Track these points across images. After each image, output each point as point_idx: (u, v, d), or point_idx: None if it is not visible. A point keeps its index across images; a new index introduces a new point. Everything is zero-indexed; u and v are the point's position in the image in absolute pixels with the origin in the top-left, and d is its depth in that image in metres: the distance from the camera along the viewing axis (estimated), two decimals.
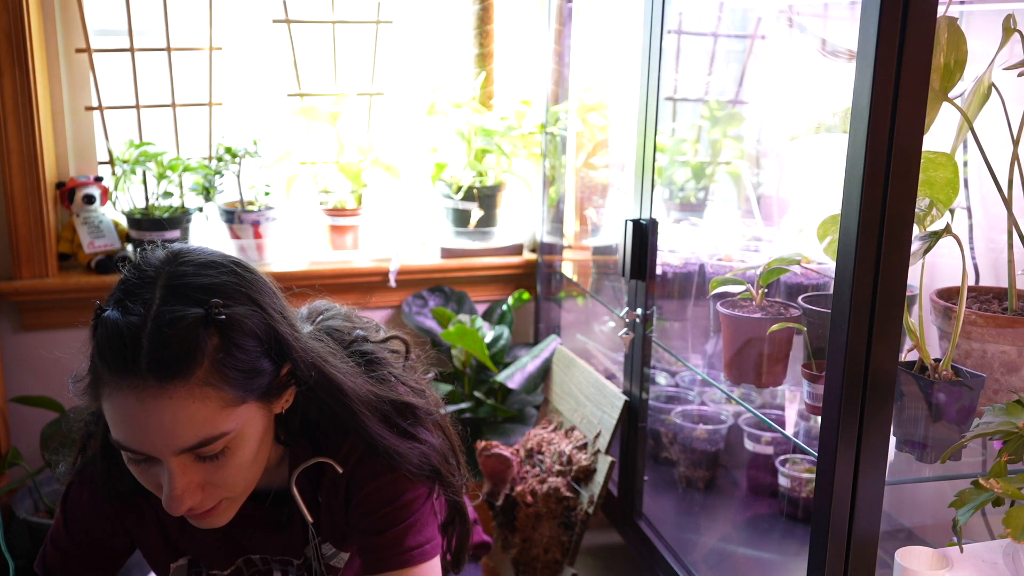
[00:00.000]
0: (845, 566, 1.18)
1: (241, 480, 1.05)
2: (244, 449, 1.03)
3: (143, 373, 0.95)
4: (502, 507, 2.00)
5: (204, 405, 0.97)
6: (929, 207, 1.25)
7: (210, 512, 1.06)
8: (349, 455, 1.16)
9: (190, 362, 0.96)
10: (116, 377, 0.96)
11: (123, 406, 0.97)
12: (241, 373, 1.00)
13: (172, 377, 0.95)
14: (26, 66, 2.14)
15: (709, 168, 2.35)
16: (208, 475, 1.02)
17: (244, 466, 1.04)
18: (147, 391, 0.95)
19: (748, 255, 1.94)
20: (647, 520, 1.89)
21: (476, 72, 2.52)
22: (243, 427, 1.02)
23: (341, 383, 1.11)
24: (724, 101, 2.38)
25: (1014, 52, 1.27)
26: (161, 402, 0.95)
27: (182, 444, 0.98)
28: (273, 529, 1.20)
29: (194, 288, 0.99)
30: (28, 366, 2.30)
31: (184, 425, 0.97)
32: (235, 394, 1.00)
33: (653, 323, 1.84)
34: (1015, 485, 1.09)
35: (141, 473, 1.03)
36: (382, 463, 1.15)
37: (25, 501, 2.14)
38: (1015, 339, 1.30)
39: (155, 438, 0.97)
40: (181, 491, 1.00)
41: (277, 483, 1.20)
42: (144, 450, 0.99)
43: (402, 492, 1.16)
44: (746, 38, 2.35)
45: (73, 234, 2.32)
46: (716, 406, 2.09)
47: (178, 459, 0.99)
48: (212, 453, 1.00)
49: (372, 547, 1.16)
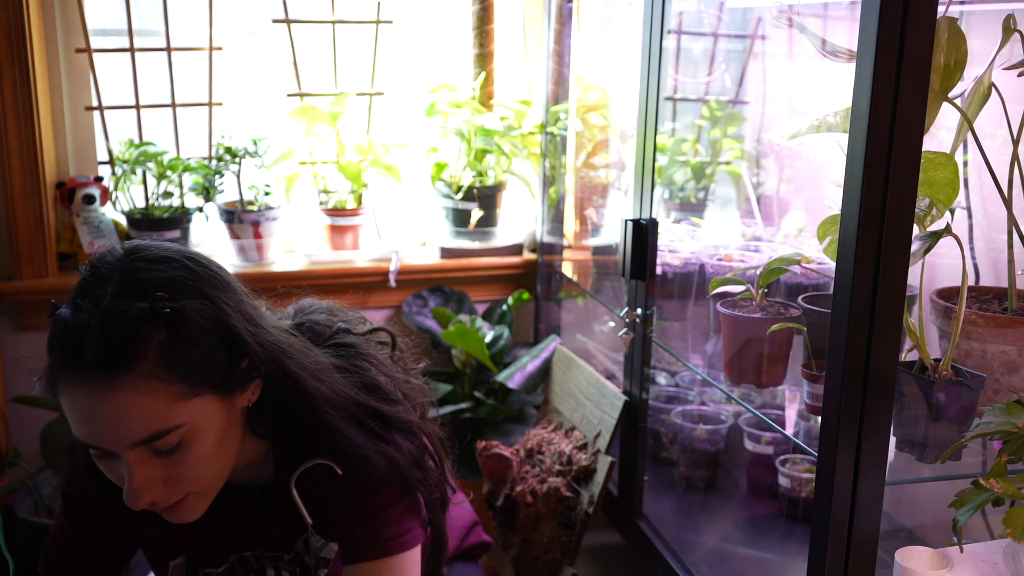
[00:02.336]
0: (845, 566, 1.18)
1: (205, 475, 1.05)
2: (202, 443, 1.02)
3: (90, 368, 0.95)
4: (502, 507, 2.00)
5: (152, 398, 0.97)
6: (929, 207, 1.25)
7: (178, 507, 1.05)
8: (335, 458, 1.16)
9: (135, 355, 0.96)
10: (67, 373, 0.97)
11: (75, 401, 0.97)
12: (190, 366, 0.99)
13: (118, 371, 0.95)
14: (26, 66, 2.14)
15: (709, 168, 2.35)
16: (168, 469, 1.02)
17: (205, 460, 1.04)
18: (95, 385, 0.96)
19: (748, 255, 1.94)
20: (647, 520, 1.89)
21: (476, 72, 2.52)
22: (198, 421, 1.01)
23: (301, 379, 1.10)
24: (724, 101, 2.38)
25: (1014, 52, 1.27)
26: (109, 396, 0.96)
27: (133, 437, 0.98)
28: (262, 524, 1.21)
29: (144, 283, 0.99)
30: (28, 366, 2.30)
31: (133, 419, 0.97)
32: (185, 387, 0.99)
33: (653, 323, 1.84)
34: (1015, 485, 1.09)
35: (107, 468, 1.03)
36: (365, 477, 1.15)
37: (25, 501, 2.14)
38: (1015, 339, 1.30)
39: (108, 432, 0.98)
40: (139, 485, 1.00)
41: (264, 478, 1.20)
42: (99, 444, 0.99)
43: (380, 484, 1.16)
44: (746, 38, 2.35)
45: (73, 234, 2.32)
46: (716, 406, 2.09)
47: (134, 453, 0.99)
48: (167, 447, 1.00)
49: (350, 538, 1.16)
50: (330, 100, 2.44)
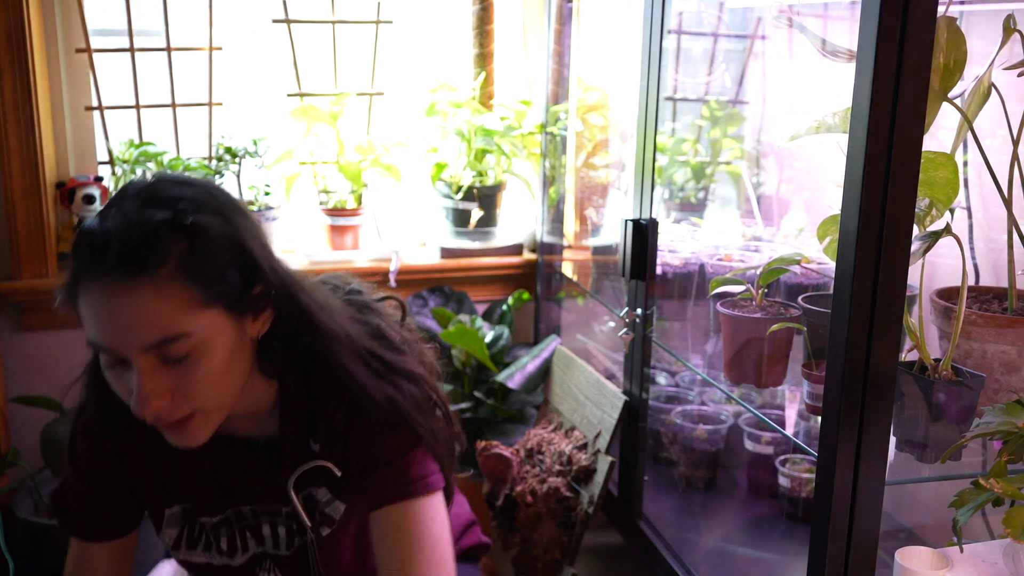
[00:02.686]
0: (845, 566, 1.18)
1: (212, 393, 1.06)
2: (211, 358, 1.04)
3: (111, 269, 0.99)
4: (502, 507, 2.00)
5: (168, 301, 1.00)
6: (929, 207, 1.25)
7: (183, 426, 1.07)
8: (337, 410, 1.17)
9: (154, 259, 0.99)
10: (89, 275, 1.00)
11: (95, 302, 1.00)
12: (206, 277, 1.02)
13: (138, 272, 0.99)
14: (26, 66, 2.14)
15: (709, 168, 2.35)
16: (176, 381, 1.03)
17: (212, 377, 1.05)
18: (115, 286, 0.99)
19: (748, 255, 1.94)
20: (647, 520, 1.89)
21: (476, 72, 2.52)
22: (209, 334, 1.03)
23: (311, 311, 1.12)
24: (724, 101, 2.38)
25: (1014, 52, 1.27)
26: (128, 296, 0.99)
27: (146, 340, 1.00)
28: (264, 473, 1.21)
29: (168, 198, 1.03)
30: (28, 366, 2.30)
31: (149, 319, 1.00)
32: (199, 297, 1.02)
33: (653, 323, 1.84)
34: (1015, 485, 1.09)
35: (116, 380, 1.05)
36: (377, 419, 1.16)
37: (25, 501, 2.14)
38: (1015, 339, 1.30)
39: (123, 333, 1.00)
40: (147, 392, 1.02)
41: (268, 433, 1.21)
42: (113, 347, 1.01)
43: (394, 430, 1.17)
44: (746, 38, 2.35)
45: (73, 234, 2.32)
46: (716, 406, 2.09)
47: (145, 358, 1.01)
48: (177, 355, 1.02)
49: (372, 485, 1.17)
50: (330, 100, 2.44)
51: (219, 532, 1.24)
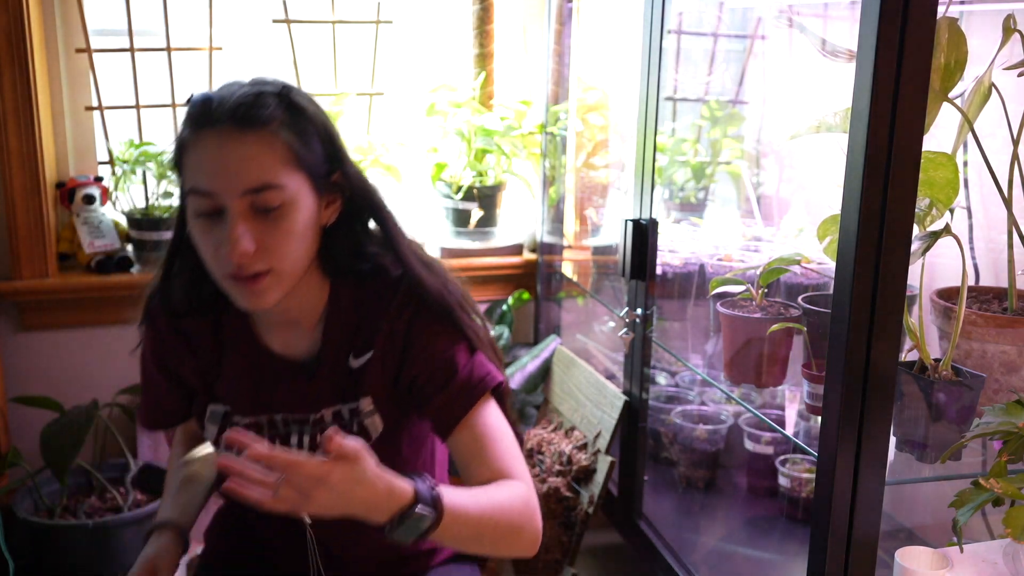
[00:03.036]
0: (845, 566, 1.18)
1: (288, 252, 1.17)
2: (294, 217, 1.16)
3: (225, 121, 1.13)
4: None
5: (270, 153, 1.14)
6: (929, 207, 1.25)
7: (257, 282, 1.16)
8: (403, 308, 1.26)
9: (263, 118, 1.14)
10: (203, 128, 1.15)
11: (205, 150, 1.15)
12: (300, 143, 1.17)
13: (249, 124, 1.13)
14: (26, 66, 2.14)
15: (709, 168, 2.35)
16: (263, 233, 1.15)
17: (292, 236, 1.17)
18: (226, 133, 1.13)
19: (748, 255, 1.94)
20: (647, 520, 1.89)
21: (476, 72, 2.52)
22: (296, 194, 1.16)
23: (382, 203, 1.28)
24: (724, 101, 2.38)
25: (1014, 52, 1.27)
26: (238, 144, 1.13)
27: (248, 183, 1.13)
28: (299, 385, 1.29)
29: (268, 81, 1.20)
30: (28, 366, 2.30)
31: (252, 165, 1.13)
32: (294, 157, 1.16)
33: (653, 323, 1.84)
34: (1015, 485, 1.09)
35: (205, 234, 1.16)
36: (435, 315, 1.26)
37: (25, 501, 2.14)
38: (1015, 339, 1.30)
39: (228, 176, 1.13)
40: (239, 234, 1.13)
41: (308, 348, 1.30)
42: (217, 189, 1.13)
43: (460, 340, 1.27)
44: (746, 38, 2.35)
45: (73, 234, 2.32)
46: (716, 406, 2.09)
47: (241, 203, 1.13)
48: (269, 205, 1.14)
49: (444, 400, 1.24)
50: (330, 100, 2.44)
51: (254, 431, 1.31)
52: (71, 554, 2.08)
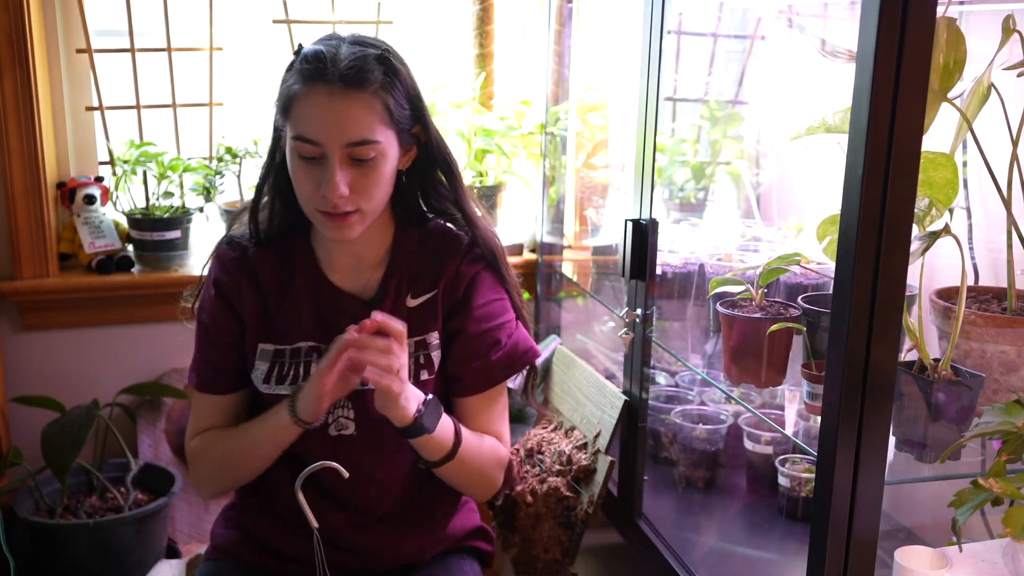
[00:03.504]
0: (845, 566, 1.19)
1: (374, 195, 1.35)
2: (383, 167, 1.34)
3: (335, 79, 1.28)
4: (502, 507, 2.00)
5: (371, 112, 1.30)
6: (928, 207, 1.26)
7: (347, 218, 1.34)
8: (467, 255, 1.46)
9: (368, 80, 1.30)
10: (313, 83, 1.29)
11: (315, 103, 1.29)
12: (394, 103, 1.33)
13: (356, 85, 1.29)
14: (27, 66, 2.14)
15: (709, 168, 2.35)
16: (356, 180, 1.31)
17: (380, 182, 1.34)
18: (336, 92, 1.28)
19: (748, 255, 1.94)
20: (647, 520, 1.89)
21: (476, 72, 2.53)
22: (386, 147, 1.33)
23: (450, 156, 1.46)
24: (724, 101, 2.38)
25: (1014, 52, 1.27)
26: (344, 101, 1.29)
27: (351, 137, 1.29)
28: (361, 313, 1.37)
29: (368, 41, 1.35)
30: (28, 366, 2.30)
31: (356, 122, 1.29)
32: (388, 117, 1.32)
33: (653, 323, 1.84)
34: (1014, 485, 1.10)
35: (307, 173, 1.32)
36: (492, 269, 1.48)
37: (26, 501, 2.14)
38: (1014, 339, 1.30)
39: (334, 129, 1.29)
40: (339, 180, 1.30)
41: (370, 285, 1.45)
42: (323, 139, 1.29)
43: (508, 310, 1.49)
44: (746, 38, 2.36)
45: (74, 234, 2.32)
46: (716, 406, 2.09)
47: (343, 153, 1.30)
48: (365, 156, 1.31)
49: (486, 360, 1.46)
50: None
51: (311, 359, 1.43)
52: (72, 554, 2.08)
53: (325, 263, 1.46)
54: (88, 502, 2.16)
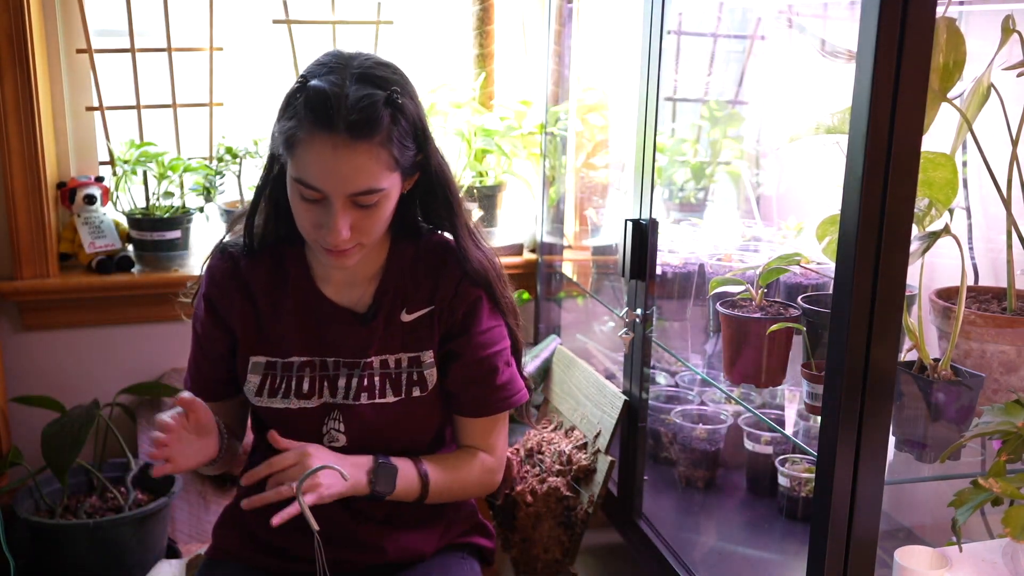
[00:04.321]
0: (845, 566, 1.19)
1: (376, 231, 1.34)
2: (386, 206, 1.33)
3: (341, 130, 1.23)
4: (502, 507, 2.00)
5: (377, 162, 1.27)
6: (928, 207, 1.26)
7: (348, 252, 1.33)
8: (456, 272, 1.44)
9: (375, 128, 1.25)
10: (317, 129, 1.24)
11: (319, 153, 1.25)
12: (399, 146, 1.29)
13: (362, 137, 1.24)
14: (27, 66, 2.14)
15: (709, 168, 2.35)
16: (358, 220, 1.30)
17: (383, 219, 1.33)
18: (341, 144, 1.24)
19: (748, 255, 1.94)
20: (647, 520, 1.89)
21: (476, 72, 2.53)
22: (391, 190, 1.31)
23: (451, 180, 1.43)
24: (724, 101, 2.38)
25: (1013, 52, 1.27)
26: (350, 153, 1.25)
27: (355, 188, 1.27)
28: (355, 327, 1.43)
29: (379, 78, 1.28)
30: (29, 366, 2.30)
31: (361, 174, 1.26)
32: (393, 162, 1.29)
33: (653, 323, 1.84)
34: (1014, 485, 1.10)
35: (307, 211, 1.30)
36: (482, 287, 1.46)
37: (26, 501, 2.14)
38: (1014, 339, 1.30)
39: (338, 180, 1.26)
40: (342, 226, 1.28)
41: (364, 300, 1.44)
42: (326, 189, 1.26)
43: (501, 338, 1.49)
44: (746, 38, 2.36)
45: (74, 234, 2.32)
46: (716, 406, 2.09)
47: (345, 201, 1.28)
48: (369, 203, 1.29)
49: (479, 393, 1.47)
50: None
51: (303, 374, 1.42)
52: (72, 554, 2.08)
53: (319, 274, 1.45)
54: (88, 502, 2.16)
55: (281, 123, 1.31)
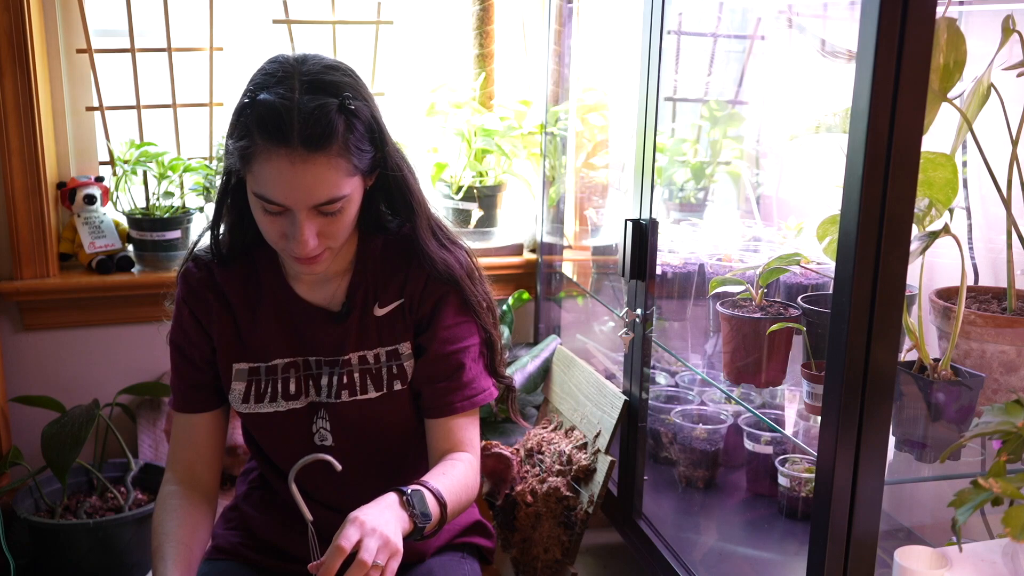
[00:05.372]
0: (844, 566, 1.19)
1: (343, 234, 1.33)
2: (349, 211, 1.31)
3: (296, 144, 1.21)
4: (502, 507, 2.00)
5: (336, 172, 1.25)
6: (928, 207, 1.26)
7: (317, 259, 1.32)
8: (421, 268, 1.42)
9: (331, 139, 1.23)
10: (272, 145, 1.22)
11: (276, 168, 1.23)
12: (357, 151, 1.27)
13: (317, 149, 1.22)
14: (27, 66, 2.14)
15: (709, 168, 2.35)
16: (324, 227, 1.29)
17: (348, 224, 1.32)
18: (298, 157, 1.22)
19: (748, 255, 1.94)
20: (647, 520, 1.89)
21: (476, 72, 2.53)
22: (353, 195, 1.30)
23: (409, 177, 1.40)
24: (724, 101, 2.38)
25: (1013, 52, 1.27)
26: (307, 166, 1.23)
27: (317, 200, 1.25)
28: (330, 325, 1.42)
29: (330, 83, 1.26)
30: (29, 366, 2.30)
31: (322, 186, 1.24)
32: (352, 167, 1.27)
33: (653, 323, 1.84)
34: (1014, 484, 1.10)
35: (271, 223, 1.29)
36: (446, 282, 1.42)
37: (26, 501, 2.14)
38: (1014, 339, 1.30)
39: (299, 194, 1.24)
40: (308, 236, 1.27)
41: (336, 298, 1.43)
42: (288, 203, 1.25)
43: (470, 334, 1.45)
44: (746, 38, 2.36)
45: (74, 234, 2.32)
46: (716, 406, 2.09)
47: (308, 212, 1.26)
48: (333, 211, 1.28)
49: (444, 393, 1.43)
50: None
51: (288, 375, 1.42)
52: (72, 554, 2.08)
53: (291, 274, 1.44)
54: (88, 502, 2.16)
55: (233, 139, 1.27)
